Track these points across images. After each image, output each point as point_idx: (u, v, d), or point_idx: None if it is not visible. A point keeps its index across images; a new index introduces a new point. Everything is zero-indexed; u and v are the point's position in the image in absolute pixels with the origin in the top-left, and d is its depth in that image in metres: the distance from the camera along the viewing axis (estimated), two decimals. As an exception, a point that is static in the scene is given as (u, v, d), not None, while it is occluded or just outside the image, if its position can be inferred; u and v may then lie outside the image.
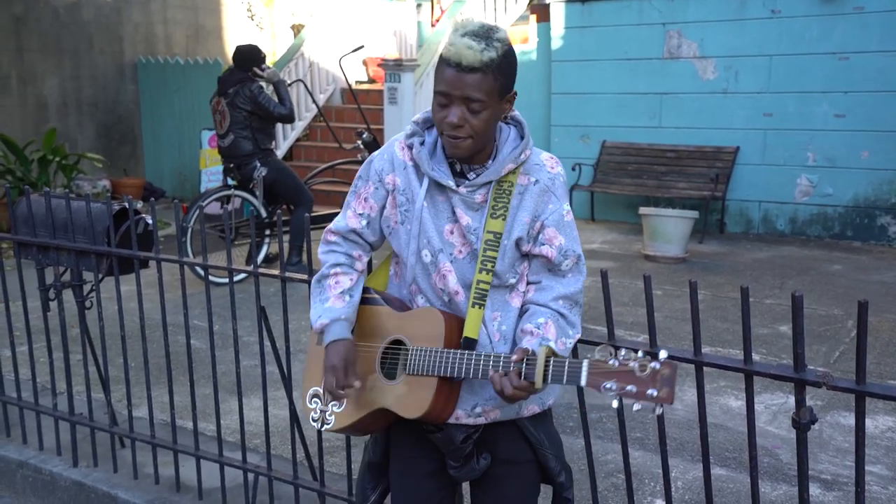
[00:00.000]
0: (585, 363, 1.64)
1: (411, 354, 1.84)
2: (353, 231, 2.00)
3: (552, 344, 1.77)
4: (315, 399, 1.99)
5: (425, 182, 1.87)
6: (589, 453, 2.30)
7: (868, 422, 3.66)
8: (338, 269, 1.99)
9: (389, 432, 2.05)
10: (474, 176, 1.86)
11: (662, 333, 4.96)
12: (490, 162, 1.86)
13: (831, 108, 7.78)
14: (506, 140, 1.87)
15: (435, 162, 1.88)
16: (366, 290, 2.01)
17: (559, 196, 1.87)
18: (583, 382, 1.64)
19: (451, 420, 1.88)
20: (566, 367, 1.67)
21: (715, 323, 5.28)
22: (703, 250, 7.49)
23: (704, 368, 2.05)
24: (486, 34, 1.74)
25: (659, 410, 1.61)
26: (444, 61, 1.75)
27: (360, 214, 1.98)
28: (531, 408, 1.94)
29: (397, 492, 2.04)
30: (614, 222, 8.74)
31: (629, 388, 1.59)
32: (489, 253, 1.82)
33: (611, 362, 1.62)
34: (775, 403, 4.04)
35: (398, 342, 1.90)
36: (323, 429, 1.99)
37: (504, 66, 1.76)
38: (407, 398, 1.84)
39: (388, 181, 1.93)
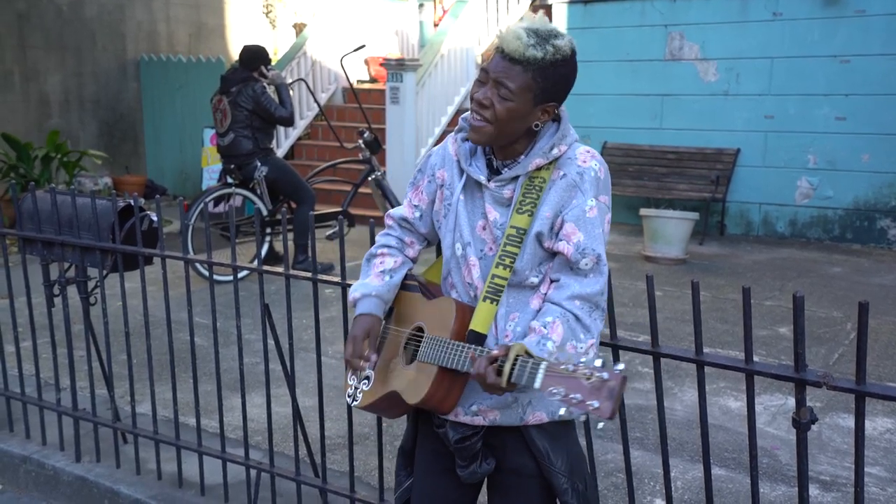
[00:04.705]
0: (543, 366, 1.56)
1: (424, 342, 1.87)
2: (406, 220, 2.06)
3: (549, 345, 1.70)
4: (353, 376, 2.05)
5: (464, 176, 1.90)
6: (590, 453, 2.32)
7: (867, 423, 3.67)
8: (385, 251, 2.05)
9: (417, 421, 2.06)
10: (507, 171, 1.85)
11: (663, 334, 4.97)
12: (522, 157, 1.85)
13: (832, 110, 7.80)
14: (542, 136, 1.85)
15: (474, 158, 1.90)
16: (409, 276, 2.05)
17: (585, 191, 1.81)
18: (537, 385, 1.56)
19: (451, 417, 1.88)
20: (528, 369, 1.58)
21: (715, 324, 5.29)
22: (704, 252, 7.50)
23: (705, 369, 2.07)
24: (545, 34, 1.73)
25: (601, 424, 1.54)
26: (497, 42, 1.77)
27: (414, 206, 2.04)
28: (537, 415, 1.86)
29: (416, 481, 2.06)
30: (615, 223, 8.69)
31: (573, 396, 1.52)
32: (509, 248, 1.80)
33: (563, 367, 1.54)
34: (774, 405, 4.06)
35: (421, 329, 1.93)
36: (353, 405, 2.04)
37: (550, 72, 1.73)
38: (412, 384, 1.87)
39: (439, 176, 1.97)
